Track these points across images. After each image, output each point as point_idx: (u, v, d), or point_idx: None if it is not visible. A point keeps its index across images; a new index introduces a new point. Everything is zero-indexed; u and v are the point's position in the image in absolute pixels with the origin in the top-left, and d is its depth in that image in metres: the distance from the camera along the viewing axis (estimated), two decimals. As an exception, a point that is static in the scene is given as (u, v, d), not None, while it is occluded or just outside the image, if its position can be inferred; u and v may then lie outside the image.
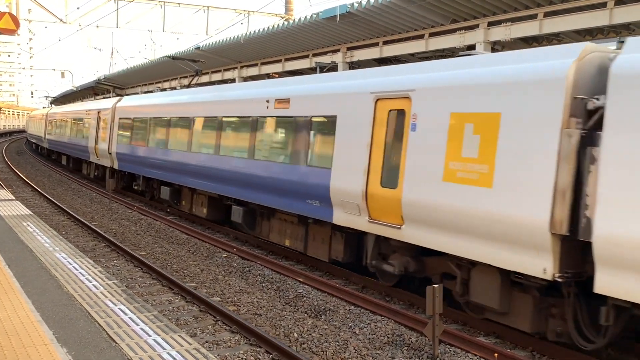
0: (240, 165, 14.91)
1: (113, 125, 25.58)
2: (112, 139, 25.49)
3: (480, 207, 8.47)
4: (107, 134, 26.17)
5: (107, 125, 26.24)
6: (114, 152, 25.16)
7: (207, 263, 13.86)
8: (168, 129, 19.72)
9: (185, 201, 19.39)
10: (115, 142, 25.02)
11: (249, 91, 15.38)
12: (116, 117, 25.34)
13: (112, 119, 25.77)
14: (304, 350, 8.64)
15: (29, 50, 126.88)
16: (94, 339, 6.27)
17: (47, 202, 23.31)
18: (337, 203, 11.40)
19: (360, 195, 10.71)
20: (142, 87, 44.44)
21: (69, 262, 9.77)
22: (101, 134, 27.17)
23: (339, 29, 19.82)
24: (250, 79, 28.31)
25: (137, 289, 11.49)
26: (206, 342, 8.72)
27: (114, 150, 25.14)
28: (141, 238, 16.61)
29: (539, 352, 8.73)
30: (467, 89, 8.98)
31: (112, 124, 25.68)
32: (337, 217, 11.52)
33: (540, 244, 7.68)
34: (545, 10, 14.51)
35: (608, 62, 7.59)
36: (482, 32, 15.99)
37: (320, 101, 12.20)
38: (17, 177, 32.55)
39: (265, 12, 32.19)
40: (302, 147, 12.64)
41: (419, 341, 9.02)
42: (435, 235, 9.38)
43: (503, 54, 9.08)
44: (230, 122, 15.84)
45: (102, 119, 27.37)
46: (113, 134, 25.43)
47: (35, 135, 54.00)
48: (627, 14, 12.90)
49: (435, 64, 10.15)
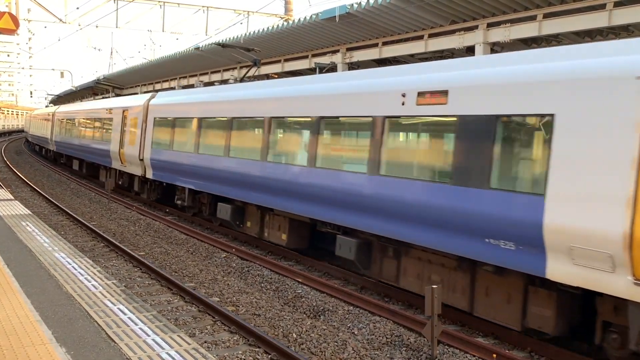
0: (352, 181, 11.19)
1: (145, 126, 21.90)
2: (145, 142, 21.77)
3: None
4: (137, 136, 22.51)
5: (138, 127, 22.58)
6: (147, 159, 21.36)
7: (206, 263, 13.86)
8: (229, 132, 15.75)
9: (252, 222, 15.57)
10: (150, 146, 21.23)
11: (369, 82, 11.38)
12: (150, 117, 21.61)
13: (144, 119, 22.12)
14: (302, 350, 8.64)
15: (29, 50, 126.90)
16: (93, 338, 6.28)
17: (46, 202, 23.30)
18: (556, 248, 7.70)
19: (618, 240, 7.03)
20: (140, 88, 44.42)
21: (68, 261, 9.78)
22: (128, 136, 23.46)
23: (338, 30, 19.83)
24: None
25: (136, 289, 11.49)
26: (205, 342, 8.73)
27: (147, 157, 21.35)
28: (140, 238, 16.61)
29: (537, 353, 8.74)
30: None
31: (145, 125, 22.01)
32: (555, 270, 7.77)
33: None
34: (544, 11, 14.52)
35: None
36: (481, 33, 16.01)
37: (521, 93, 8.28)
38: (16, 177, 32.54)
39: (264, 13, 32.22)
40: (474, 161, 8.82)
41: (418, 342, 9.03)
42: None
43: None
44: (336, 123, 12.05)
45: (129, 119, 23.64)
46: (146, 137, 21.74)
47: (39, 137, 49.27)
48: (626, 16, 12.92)
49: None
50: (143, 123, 22.19)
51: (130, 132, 23.41)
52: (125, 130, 24.05)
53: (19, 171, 35.52)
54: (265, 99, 14.63)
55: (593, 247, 7.28)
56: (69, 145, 35.02)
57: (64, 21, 29.73)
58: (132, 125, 23.29)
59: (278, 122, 13.85)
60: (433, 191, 9.39)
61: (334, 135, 12.19)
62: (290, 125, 13.53)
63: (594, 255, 7.28)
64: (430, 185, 9.49)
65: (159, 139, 20.60)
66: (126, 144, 23.61)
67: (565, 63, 7.95)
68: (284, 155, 13.63)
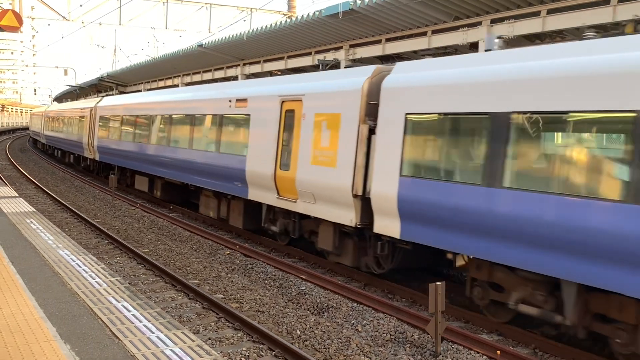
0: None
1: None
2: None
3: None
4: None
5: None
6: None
7: (210, 260, 13.88)
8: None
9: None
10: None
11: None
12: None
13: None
14: (306, 347, 8.65)
15: (32, 47, 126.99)
16: (97, 335, 6.29)
17: (50, 199, 23.35)
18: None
19: None
20: (144, 85, 44.45)
21: (72, 259, 9.80)
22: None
23: (341, 26, 19.79)
24: (253, 77, 28.29)
25: (140, 286, 11.51)
26: (209, 339, 8.74)
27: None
28: (144, 235, 16.64)
29: (542, 350, 8.73)
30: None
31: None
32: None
33: None
34: (548, 7, 14.47)
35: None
36: (485, 29, 15.96)
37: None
38: (21, 175, 32.62)
39: (267, 10, 32.21)
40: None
41: (422, 338, 9.03)
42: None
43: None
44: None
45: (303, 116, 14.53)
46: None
47: (64, 140, 38.05)
48: (630, 11, 12.86)
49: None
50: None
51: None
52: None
53: (23, 168, 35.61)
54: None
55: None
56: (129, 155, 24.49)
57: (67, 19, 29.75)
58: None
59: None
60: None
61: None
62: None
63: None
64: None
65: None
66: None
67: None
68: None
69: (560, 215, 7.54)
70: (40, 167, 38.38)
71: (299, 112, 13.02)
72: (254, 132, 14.69)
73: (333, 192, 11.62)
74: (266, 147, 14.05)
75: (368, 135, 11.04)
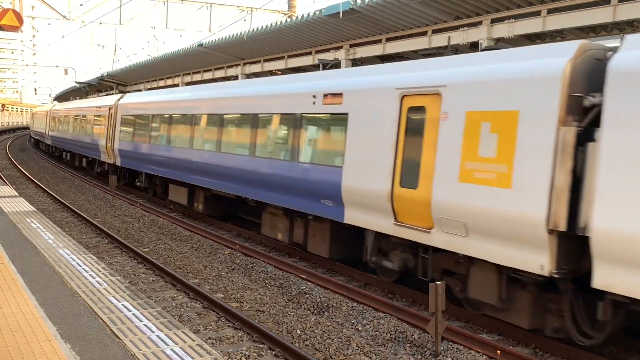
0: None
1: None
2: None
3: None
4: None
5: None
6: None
7: (210, 260, 13.88)
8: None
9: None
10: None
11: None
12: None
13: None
14: (306, 346, 8.66)
15: (32, 47, 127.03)
16: (97, 334, 6.30)
17: (50, 198, 23.36)
18: None
19: None
20: (144, 84, 44.45)
21: (72, 258, 9.80)
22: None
23: (341, 26, 19.79)
24: (253, 76, 28.30)
25: (141, 286, 11.52)
26: (209, 339, 8.75)
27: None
28: (144, 235, 16.64)
29: (542, 349, 8.73)
30: None
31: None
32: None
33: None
34: (548, 7, 14.47)
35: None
36: (485, 29, 15.97)
37: None
38: (21, 174, 32.63)
39: (268, 9, 32.20)
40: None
41: (422, 338, 9.04)
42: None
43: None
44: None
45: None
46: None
47: (89, 145, 30.92)
48: (630, 11, 12.86)
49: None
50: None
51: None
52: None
53: (23, 168, 35.62)
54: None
55: None
56: (161, 161, 21.21)
57: (67, 18, 29.76)
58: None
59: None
60: None
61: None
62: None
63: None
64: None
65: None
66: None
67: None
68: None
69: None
70: (41, 167, 38.39)
71: (434, 109, 9.90)
72: (354, 135, 11.60)
73: (506, 224, 8.48)
74: (375, 156, 10.99)
75: (574, 143, 7.84)
